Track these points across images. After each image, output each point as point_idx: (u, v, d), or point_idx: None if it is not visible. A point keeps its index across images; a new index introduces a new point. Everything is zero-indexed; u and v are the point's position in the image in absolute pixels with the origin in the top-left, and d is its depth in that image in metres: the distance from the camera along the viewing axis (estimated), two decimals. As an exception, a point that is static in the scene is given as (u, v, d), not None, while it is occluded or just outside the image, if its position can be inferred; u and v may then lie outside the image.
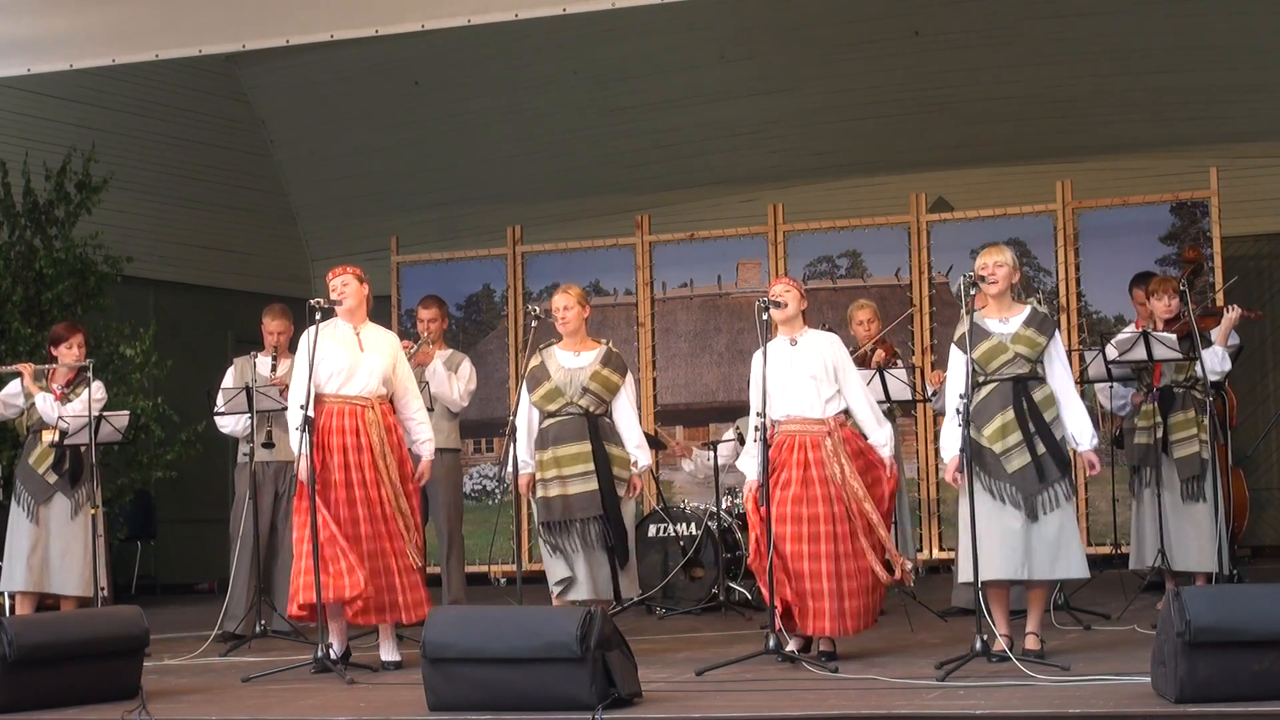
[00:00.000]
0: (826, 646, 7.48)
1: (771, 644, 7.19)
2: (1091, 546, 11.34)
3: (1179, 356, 8.80)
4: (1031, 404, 7.13)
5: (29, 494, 9.11)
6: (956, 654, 6.81)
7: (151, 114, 13.94)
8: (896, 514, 8.53)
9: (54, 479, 9.07)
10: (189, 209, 14.46)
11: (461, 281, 13.41)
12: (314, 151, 15.20)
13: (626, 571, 8.04)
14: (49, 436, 9.06)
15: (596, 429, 8.01)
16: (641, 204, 13.96)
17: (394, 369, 7.85)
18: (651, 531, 10.20)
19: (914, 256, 12.39)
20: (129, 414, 9.46)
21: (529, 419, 8.13)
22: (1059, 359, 7.23)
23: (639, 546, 10.01)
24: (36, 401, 9.12)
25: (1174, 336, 8.78)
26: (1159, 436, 8.95)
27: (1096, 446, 7.19)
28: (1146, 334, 8.81)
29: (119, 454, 11.75)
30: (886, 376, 9.17)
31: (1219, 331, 9.00)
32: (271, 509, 9.33)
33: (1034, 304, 7.30)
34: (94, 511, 8.83)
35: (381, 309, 10.16)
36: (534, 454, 8.06)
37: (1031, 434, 7.10)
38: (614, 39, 13.62)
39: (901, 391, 9.27)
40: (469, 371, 9.62)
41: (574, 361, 8.09)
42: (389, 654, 7.77)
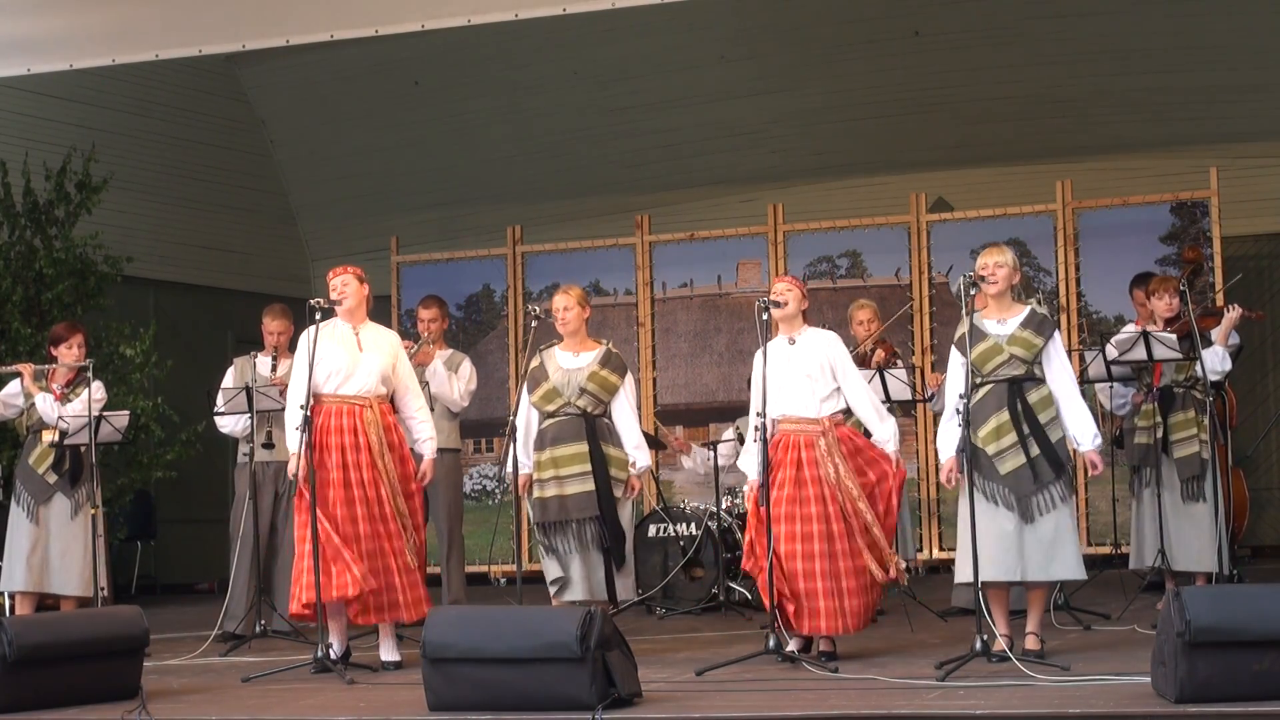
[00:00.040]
0: (826, 646, 7.47)
1: (771, 644, 7.19)
2: (1091, 546, 11.35)
3: (1179, 356, 8.80)
4: (1026, 406, 7.12)
5: (29, 494, 9.11)
6: (956, 654, 6.80)
7: (151, 114, 13.94)
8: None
9: (54, 479, 9.07)
10: (189, 209, 14.46)
11: (461, 281, 13.40)
12: (314, 151, 15.20)
13: (623, 573, 8.02)
14: (49, 436, 9.06)
15: (594, 430, 8.00)
16: (641, 204, 13.96)
17: (394, 368, 7.83)
18: (651, 531, 10.20)
19: (914, 256, 12.38)
20: (129, 414, 9.46)
21: (528, 419, 8.13)
22: (1058, 359, 7.20)
23: (639, 546, 10.03)
24: (36, 402, 9.12)
25: (1174, 336, 8.77)
26: (1159, 436, 8.95)
27: (1099, 446, 7.16)
28: (1146, 334, 8.80)
29: (119, 454, 11.75)
30: (886, 376, 9.17)
31: (1219, 331, 8.99)
32: (271, 509, 9.33)
33: (1034, 305, 7.28)
34: (94, 511, 8.83)
35: (381, 309, 10.15)
36: (532, 454, 8.06)
37: (1026, 436, 7.09)
38: (614, 39, 13.62)
39: (901, 391, 9.27)
40: (469, 371, 9.62)
41: (572, 362, 8.09)
42: (389, 654, 7.76)
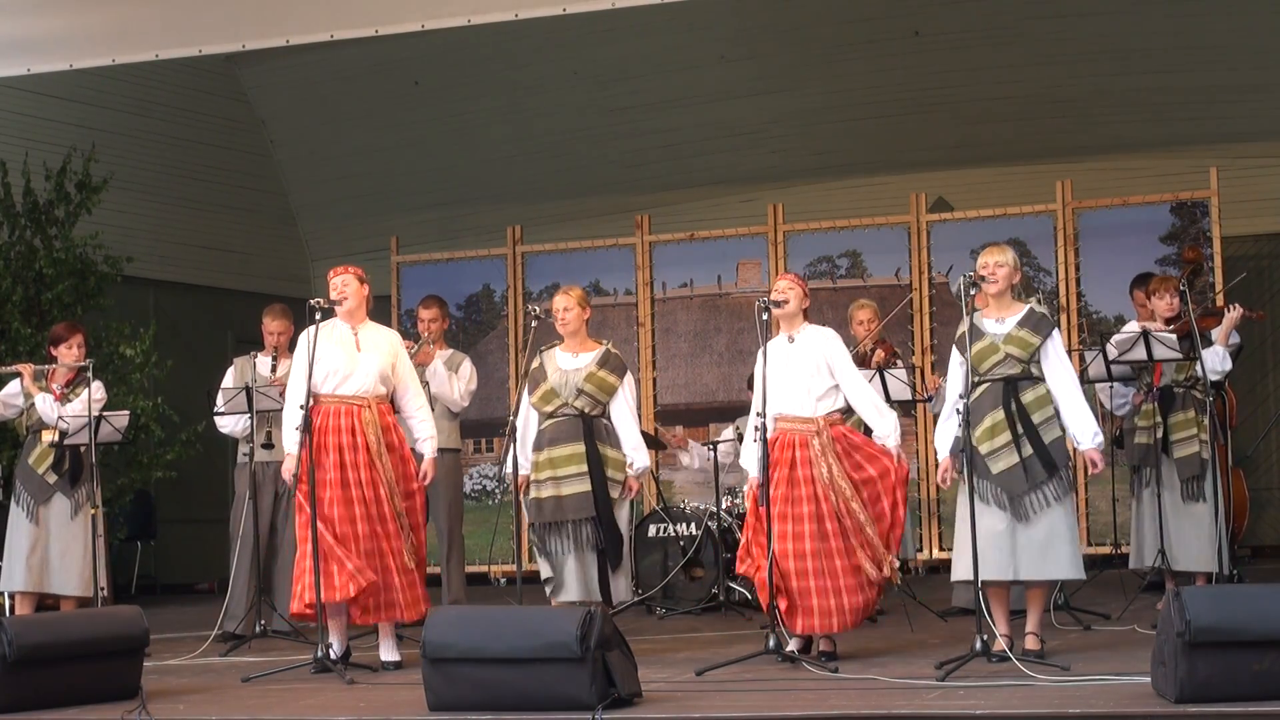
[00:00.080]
0: (826, 646, 7.47)
1: (771, 644, 7.19)
2: (1091, 546, 11.35)
3: (1179, 356, 8.79)
4: (1020, 405, 7.11)
5: (29, 494, 9.10)
6: (956, 654, 6.80)
7: (151, 114, 13.94)
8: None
9: (54, 479, 9.07)
10: (189, 209, 14.46)
11: (461, 281, 13.41)
12: (314, 151, 15.20)
13: (619, 574, 7.99)
14: (49, 436, 9.06)
15: (591, 430, 7.99)
16: (641, 204, 13.96)
17: (393, 367, 7.82)
18: (651, 531, 10.19)
19: (914, 256, 12.38)
20: (129, 414, 9.45)
21: (528, 420, 8.13)
22: (1057, 357, 7.17)
23: (639, 546, 10.04)
24: (36, 402, 9.12)
25: (1174, 336, 8.77)
26: (1159, 436, 8.94)
27: (1099, 445, 7.13)
28: (1146, 334, 8.80)
29: (119, 454, 11.75)
30: (886, 376, 9.17)
31: (1220, 331, 8.99)
32: (271, 509, 9.33)
33: (1033, 304, 7.27)
34: (94, 511, 8.83)
35: (381, 309, 10.15)
36: (530, 455, 8.05)
37: (1019, 435, 7.08)
38: (614, 39, 13.61)
39: (901, 391, 9.26)
40: (469, 371, 9.62)
41: (571, 363, 8.08)
42: (389, 654, 7.76)
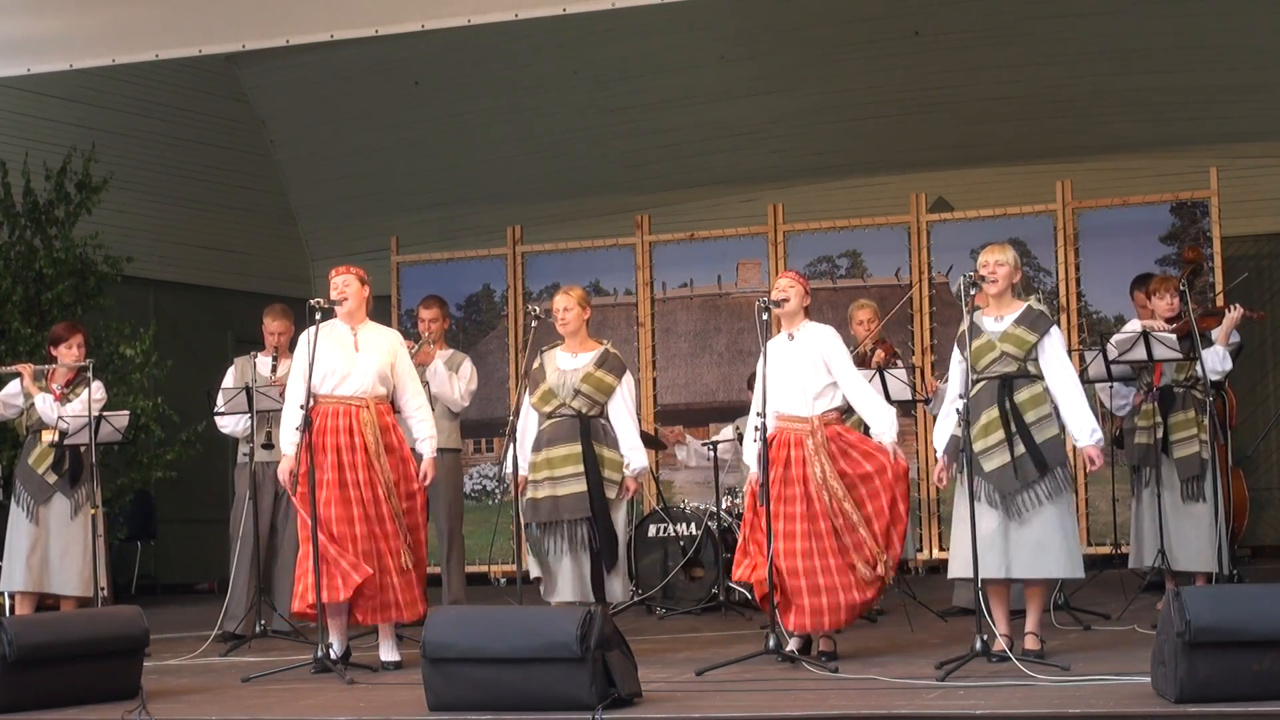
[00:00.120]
0: (826, 646, 7.47)
1: (771, 644, 7.19)
2: (1091, 546, 11.35)
3: (1179, 356, 8.79)
4: (1013, 404, 7.10)
5: (28, 494, 9.10)
6: (956, 654, 6.80)
7: (151, 114, 13.94)
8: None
9: (54, 479, 9.07)
10: (189, 209, 14.46)
11: (461, 281, 13.41)
12: (314, 151, 15.20)
13: (614, 574, 7.96)
14: (48, 436, 9.06)
15: (588, 431, 7.98)
16: (641, 204, 13.96)
17: (392, 367, 7.81)
18: (651, 531, 10.19)
19: (914, 256, 12.38)
20: (129, 414, 9.45)
21: (528, 420, 8.13)
22: (1055, 354, 7.15)
23: (639, 546, 10.05)
24: (36, 402, 9.12)
25: (1174, 336, 8.77)
26: (1159, 436, 8.94)
27: (1098, 442, 7.11)
28: (1146, 334, 8.79)
29: (119, 454, 11.75)
30: (886, 376, 9.17)
31: (1220, 331, 8.98)
32: (271, 509, 9.32)
33: (1031, 302, 7.26)
34: (94, 511, 8.82)
35: (381, 309, 10.15)
36: (529, 455, 8.05)
37: (1012, 434, 7.08)
38: (614, 39, 13.61)
39: (901, 392, 9.26)
40: (470, 371, 9.62)
41: (570, 363, 8.07)
42: (389, 654, 7.76)
